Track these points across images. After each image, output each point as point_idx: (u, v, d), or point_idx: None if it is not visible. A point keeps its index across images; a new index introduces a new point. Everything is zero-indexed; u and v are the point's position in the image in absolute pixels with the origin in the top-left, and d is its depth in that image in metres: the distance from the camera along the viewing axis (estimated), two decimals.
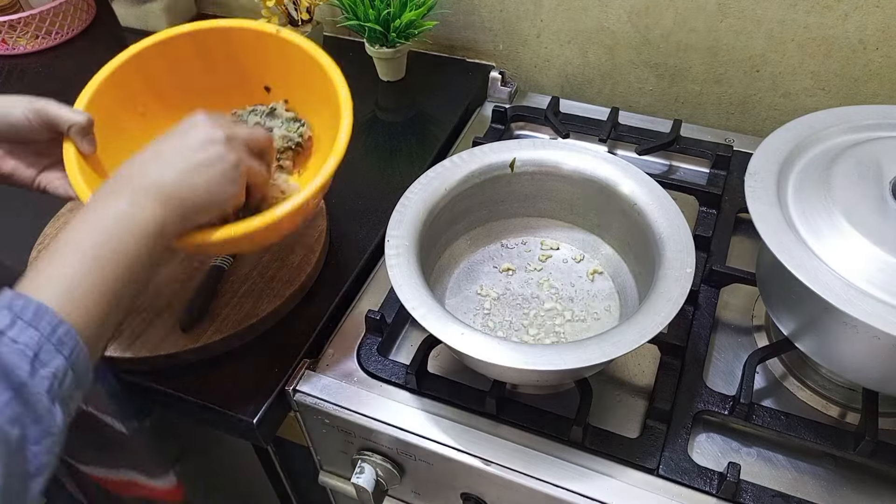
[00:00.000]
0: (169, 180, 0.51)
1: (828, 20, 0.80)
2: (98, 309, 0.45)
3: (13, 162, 0.61)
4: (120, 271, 0.47)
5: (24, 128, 0.58)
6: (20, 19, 1.07)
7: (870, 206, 0.55)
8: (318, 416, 0.66)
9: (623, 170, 0.69)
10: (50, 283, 0.44)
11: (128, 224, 0.48)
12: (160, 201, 0.50)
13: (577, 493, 0.58)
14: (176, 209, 0.51)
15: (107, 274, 0.46)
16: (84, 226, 0.48)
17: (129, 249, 0.47)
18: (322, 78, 0.66)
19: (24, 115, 0.58)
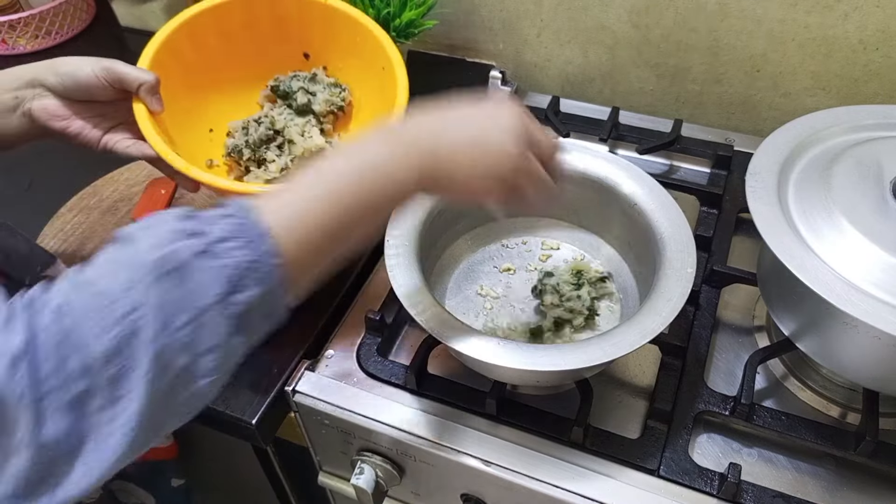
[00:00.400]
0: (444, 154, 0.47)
1: (828, 20, 0.80)
2: (316, 248, 0.43)
3: (80, 122, 0.62)
4: (352, 218, 0.44)
5: (92, 86, 0.60)
6: (20, 19, 1.07)
7: (870, 205, 0.55)
8: (317, 417, 0.66)
9: (624, 169, 0.69)
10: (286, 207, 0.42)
11: (385, 178, 0.45)
12: (427, 170, 0.46)
13: (578, 494, 0.58)
14: (436, 181, 0.47)
15: (339, 217, 0.43)
16: (344, 162, 0.45)
17: (371, 200, 0.45)
18: (370, 43, 0.70)
19: (93, 73, 0.59)
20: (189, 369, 0.37)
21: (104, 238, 0.80)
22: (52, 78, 0.59)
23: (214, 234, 0.38)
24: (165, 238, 0.37)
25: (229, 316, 0.38)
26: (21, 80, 0.60)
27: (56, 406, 0.33)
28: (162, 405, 0.36)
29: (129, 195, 0.85)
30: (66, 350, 0.33)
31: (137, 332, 0.35)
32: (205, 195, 0.85)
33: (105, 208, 0.84)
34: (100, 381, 0.34)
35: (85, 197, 0.85)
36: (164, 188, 0.85)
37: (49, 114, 0.60)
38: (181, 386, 0.37)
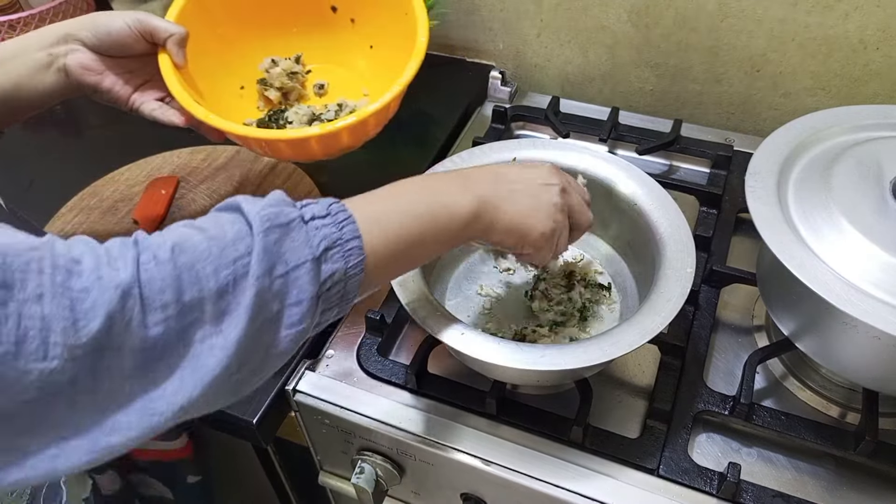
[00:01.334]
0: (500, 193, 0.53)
1: (828, 20, 0.80)
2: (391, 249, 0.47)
3: (112, 77, 0.63)
4: (421, 231, 0.49)
5: (125, 37, 0.61)
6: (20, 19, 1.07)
7: (870, 205, 0.55)
8: (317, 417, 0.66)
9: (623, 169, 0.69)
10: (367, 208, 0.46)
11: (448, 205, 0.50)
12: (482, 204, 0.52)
13: (578, 494, 0.58)
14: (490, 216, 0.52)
15: (411, 228, 0.48)
16: (416, 188, 0.51)
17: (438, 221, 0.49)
18: None
19: (126, 25, 0.61)
20: (279, 315, 0.41)
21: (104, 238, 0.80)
22: (86, 32, 0.60)
23: (310, 210, 0.43)
24: (272, 203, 0.42)
25: (315, 279, 0.42)
26: (55, 36, 0.61)
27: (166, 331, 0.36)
28: (253, 341, 0.40)
29: (129, 195, 0.85)
30: (184, 284, 0.37)
31: (246, 273, 0.39)
32: (207, 200, 0.85)
33: (105, 208, 0.84)
34: (209, 313, 0.38)
35: (85, 197, 0.85)
36: (164, 188, 0.85)
37: (83, 68, 0.61)
38: (269, 329, 0.41)
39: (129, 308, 0.35)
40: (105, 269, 0.36)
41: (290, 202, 0.43)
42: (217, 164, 0.89)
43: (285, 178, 0.86)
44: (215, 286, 0.38)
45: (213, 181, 0.87)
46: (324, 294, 0.43)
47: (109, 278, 0.35)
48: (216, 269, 0.38)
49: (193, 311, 0.37)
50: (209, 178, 0.88)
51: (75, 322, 0.33)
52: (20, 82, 0.60)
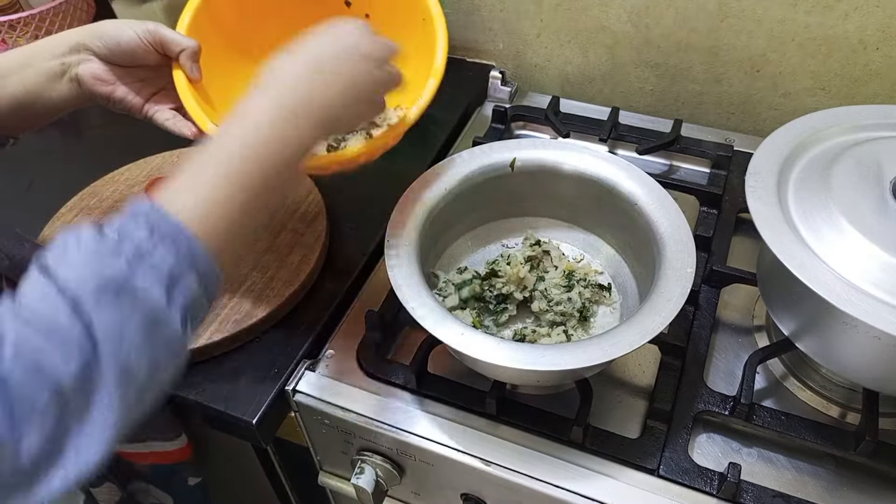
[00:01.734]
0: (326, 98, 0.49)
1: (828, 20, 0.80)
2: (230, 225, 0.44)
3: (125, 87, 0.62)
4: (258, 189, 0.45)
5: (136, 48, 0.60)
6: (20, 19, 1.07)
7: (870, 206, 0.55)
8: (317, 417, 0.66)
9: (623, 169, 0.69)
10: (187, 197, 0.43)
11: (277, 139, 0.46)
12: (314, 119, 0.48)
13: (578, 494, 0.58)
14: (325, 126, 0.49)
15: (246, 190, 0.45)
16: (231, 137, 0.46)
17: (274, 165, 0.46)
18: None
19: (136, 36, 0.60)
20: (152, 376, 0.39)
21: None
22: (97, 42, 0.60)
23: (134, 239, 0.39)
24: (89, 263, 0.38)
25: (176, 316, 0.40)
26: (66, 45, 0.60)
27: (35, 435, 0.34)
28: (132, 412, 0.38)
29: (129, 195, 0.85)
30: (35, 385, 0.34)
31: (99, 356, 0.36)
32: None
33: (105, 208, 0.84)
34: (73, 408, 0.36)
35: (85, 197, 0.85)
36: None
37: (95, 78, 0.60)
38: (146, 391, 0.39)
39: None
40: None
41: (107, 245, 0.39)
42: None
43: None
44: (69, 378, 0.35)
45: None
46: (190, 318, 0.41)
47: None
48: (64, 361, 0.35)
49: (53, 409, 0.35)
50: None
51: None
52: (33, 91, 0.60)
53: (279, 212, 0.48)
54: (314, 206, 0.81)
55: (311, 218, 0.79)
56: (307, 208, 0.81)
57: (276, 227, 0.80)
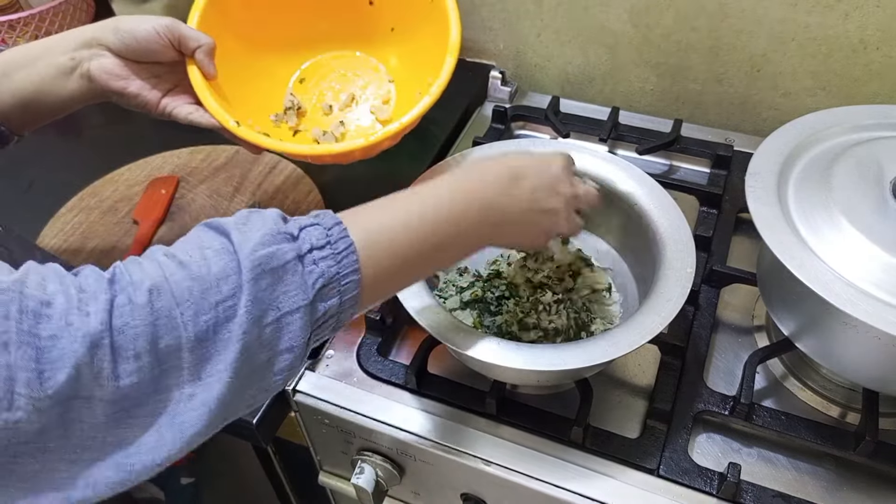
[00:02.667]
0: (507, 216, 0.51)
1: (828, 20, 0.80)
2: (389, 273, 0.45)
3: (139, 82, 0.61)
4: (424, 251, 0.47)
5: (153, 43, 0.59)
6: (20, 19, 1.07)
7: (870, 205, 0.55)
8: (317, 417, 0.66)
9: (623, 169, 0.69)
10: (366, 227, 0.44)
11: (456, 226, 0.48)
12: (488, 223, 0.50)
13: (578, 494, 0.58)
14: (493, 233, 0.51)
15: (413, 248, 0.46)
16: (419, 201, 0.48)
17: (441, 241, 0.48)
18: None
19: (154, 30, 0.59)
20: (269, 364, 0.39)
21: (104, 238, 0.80)
22: (112, 36, 0.59)
23: (308, 241, 0.40)
24: (266, 237, 0.39)
25: (308, 323, 0.40)
26: (78, 40, 0.59)
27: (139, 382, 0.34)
28: (239, 393, 0.38)
29: (129, 195, 0.85)
30: (160, 330, 0.35)
31: (230, 320, 0.37)
32: (207, 200, 0.85)
33: (105, 208, 0.84)
34: (187, 362, 0.36)
35: (85, 197, 0.85)
36: (164, 188, 0.85)
37: (108, 73, 0.59)
38: (258, 378, 0.39)
39: (100, 358, 0.33)
40: (75, 315, 0.33)
41: (286, 233, 0.40)
42: (217, 164, 0.89)
43: (285, 177, 0.86)
44: (194, 332, 0.36)
45: (213, 181, 0.87)
46: (316, 331, 0.41)
47: (79, 325, 0.33)
48: (196, 314, 0.36)
49: (169, 359, 0.35)
50: (209, 177, 0.88)
51: (40, 373, 0.32)
52: (42, 87, 0.58)
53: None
54: (314, 206, 0.81)
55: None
56: (307, 208, 0.81)
57: None
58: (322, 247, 0.41)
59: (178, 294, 0.36)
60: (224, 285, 0.37)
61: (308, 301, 0.39)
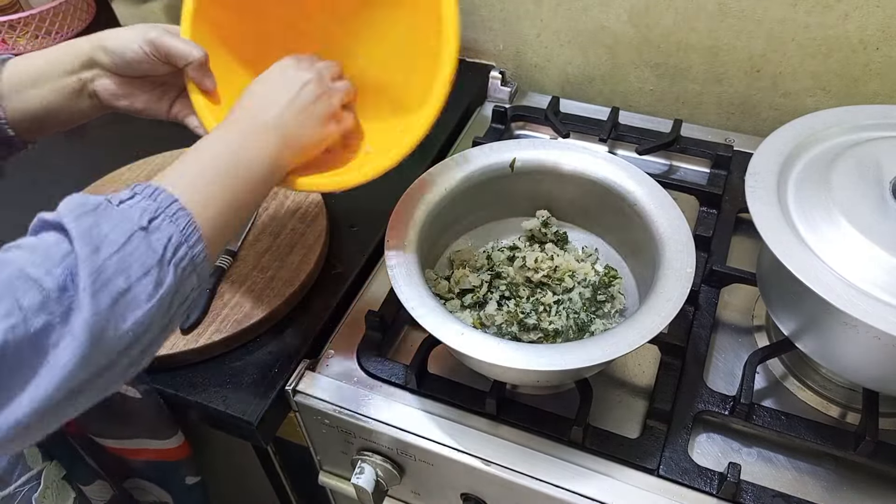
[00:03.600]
0: (283, 118, 0.55)
1: (828, 20, 0.80)
2: (216, 213, 0.48)
3: (144, 96, 0.61)
4: (240, 188, 0.50)
5: (143, 62, 0.58)
6: (20, 19, 1.07)
7: (870, 205, 0.55)
8: (317, 417, 0.66)
9: (623, 170, 0.69)
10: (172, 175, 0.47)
11: (251, 150, 0.52)
12: (277, 135, 0.54)
13: (578, 494, 0.58)
14: (287, 142, 0.55)
15: (227, 186, 0.49)
16: (214, 144, 0.52)
17: (252, 169, 0.52)
18: None
19: (140, 50, 0.58)
20: (129, 292, 0.41)
21: None
22: (104, 57, 0.58)
23: (116, 197, 0.44)
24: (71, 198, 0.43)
25: (150, 247, 0.42)
26: (78, 59, 0.58)
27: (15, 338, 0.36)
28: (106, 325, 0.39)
29: None
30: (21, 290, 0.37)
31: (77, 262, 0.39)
32: None
33: None
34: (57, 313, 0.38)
35: None
36: None
37: (112, 93, 0.59)
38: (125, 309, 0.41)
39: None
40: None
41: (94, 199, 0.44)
42: None
43: None
44: (53, 283, 0.38)
45: None
46: (172, 259, 0.43)
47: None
48: (48, 270, 0.39)
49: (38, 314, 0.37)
50: None
51: None
52: (52, 105, 0.59)
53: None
54: (314, 207, 0.81)
55: (311, 218, 0.79)
56: (307, 208, 0.81)
57: (277, 228, 0.80)
58: (130, 197, 0.44)
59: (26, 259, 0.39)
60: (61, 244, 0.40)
61: (140, 226, 0.42)
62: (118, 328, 0.40)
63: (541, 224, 0.73)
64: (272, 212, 0.82)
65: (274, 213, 0.82)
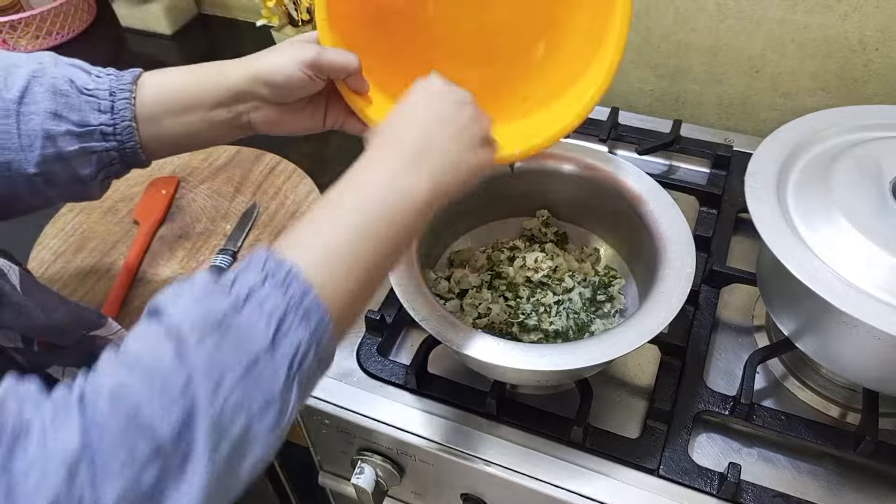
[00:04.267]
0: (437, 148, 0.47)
1: (828, 20, 0.80)
2: (352, 284, 0.41)
3: (300, 117, 0.57)
4: (381, 244, 0.43)
5: (306, 87, 0.54)
6: (21, 19, 1.07)
7: (870, 205, 0.55)
8: (317, 417, 0.66)
9: (623, 170, 0.69)
10: (307, 248, 0.41)
11: (402, 197, 0.44)
12: (431, 172, 0.46)
13: (578, 494, 0.58)
14: (446, 178, 0.47)
15: (368, 246, 0.42)
16: (354, 191, 0.44)
17: (396, 221, 0.44)
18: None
19: (304, 76, 0.53)
20: (247, 431, 0.35)
21: (104, 238, 0.80)
22: (264, 90, 0.54)
23: (245, 286, 0.38)
24: (199, 298, 0.37)
25: (280, 363, 0.37)
26: (230, 92, 0.54)
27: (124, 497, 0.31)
28: (224, 473, 0.35)
29: (129, 195, 0.85)
30: (134, 436, 0.32)
31: (196, 401, 0.33)
32: (207, 201, 0.85)
33: (105, 208, 0.84)
34: (172, 463, 0.33)
35: None
36: (164, 188, 0.85)
37: (272, 123, 0.56)
38: (243, 451, 0.35)
39: (79, 484, 0.30)
40: (50, 438, 0.31)
41: (220, 287, 0.37)
42: (217, 165, 0.89)
43: (285, 178, 0.87)
44: (169, 430, 0.33)
45: (213, 181, 0.87)
46: (296, 376, 0.37)
47: (54, 448, 0.30)
48: (165, 410, 0.33)
49: (151, 466, 0.32)
50: (209, 178, 0.88)
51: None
52: (196, 135, 0.55)
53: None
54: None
55: None
56: (308, 208, 0.81)
57: (277, 228, 0.80)
58: (262, 284, 0.38)
59: (140, 395, 0.33)
60: (180, 368, 0.34)
61: (266, 346, 0.36)
62: (235, 472, 0.35)
63: (541, 224, 0.73)
64: (272, 212, 0.82)
65: (274, 213, 0.82)
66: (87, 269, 0.77)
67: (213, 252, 0.78)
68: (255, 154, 0.90)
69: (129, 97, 0.53)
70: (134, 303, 0.73)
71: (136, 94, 0.53)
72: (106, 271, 0.77)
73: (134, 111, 0.53)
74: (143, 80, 0.54)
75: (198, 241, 0.80)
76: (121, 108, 0.53)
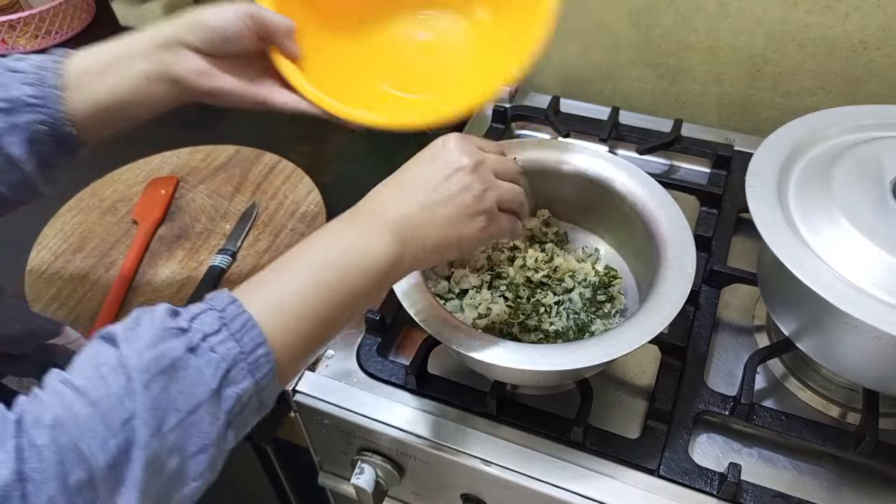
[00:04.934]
0: (410, 214, 0.48)
1: (828, 20, 0.80)
2: (304, 336, 0.43)
3: (230, 78, 0.56)
4: (338, 302, 0.44)
5: (242, 37, 0.54)
6: (20, 19, 1.07)
7: (870, 205, 0.55)
8: (317, 417, 0.66)
9: (623, 169, 0.69)
10: (266, 297, 0.42)
11: (362, 257, 0.45)
12: (399, 237, 0.47)
13: (578, 494, 0.58)
14: (415, 246, 0.48)
15: (325, 303, 0.43)
16: (318, 247, 0.45)
17: (355, 283, 0.45)
18: None
19: (242, 23, 0.54)
20: (181, 471, 0.36)
21: (104, 238, 0.80)
22: (195, 34, 0.54)
23: (201, 329, 0.38)
24: (153, 338, 0.37)
25: (216, 414, 0.38)
26: (154, 42, 0.54)
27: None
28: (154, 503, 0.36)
29: (128, 195, 0.85)
30: (69, 467, 0.33)
31: (134, 438, 0.34)
32: (207, 200, 0.85)
33: (105, 208, 0.84)
34: (103, 491, 0.33)
35: (85, 197, 0.85)
36: (163, 188, 0.85)
37: (198, 73, 0.55)
38: (173, 488, 0.36)
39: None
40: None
41: (174, 328, 0.38)
42: (217, 164, 0.89)
43: (285, 178, 0.86)
44: (104, 460, 0.33)
45: (212, 181, 0.87)
46: (235, 419, 0.39)
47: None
48: (103, 441, 0.33)
49: (84, 492, 0.33)
50: (209, 177, 0.88)
51: None
52: (122, 95, 0.54)
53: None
54: (314, 206, 0.81)
55: (311, 217, 0.79)
56: (307, 208, 0.81)
57: (277, 228, 0.80)
58: (217, 331, 0.38)
59: (81, 423, 0.33)
60: (123, 404, 0.35)
61: (210, 393, 0.37)
62: None
63: (541, 224, 0.73)
64: (272, 211, 0.82)
65: (273, 213, 0.82)
66: (86, 269, 0.77)
67: (213, 252, 0.78)
68: (255, 154, 0.90)
69: (56, 68, 0.52)
70: (133, 303, 0.73)
71: (64, 65, 0.52)
72: (105, 271, 0.77)
73: (62, 81, 0.52)
74: (75, 54, 0.53)
75: (197, 240, 0.80)
76: (47, 78, 0.51)
